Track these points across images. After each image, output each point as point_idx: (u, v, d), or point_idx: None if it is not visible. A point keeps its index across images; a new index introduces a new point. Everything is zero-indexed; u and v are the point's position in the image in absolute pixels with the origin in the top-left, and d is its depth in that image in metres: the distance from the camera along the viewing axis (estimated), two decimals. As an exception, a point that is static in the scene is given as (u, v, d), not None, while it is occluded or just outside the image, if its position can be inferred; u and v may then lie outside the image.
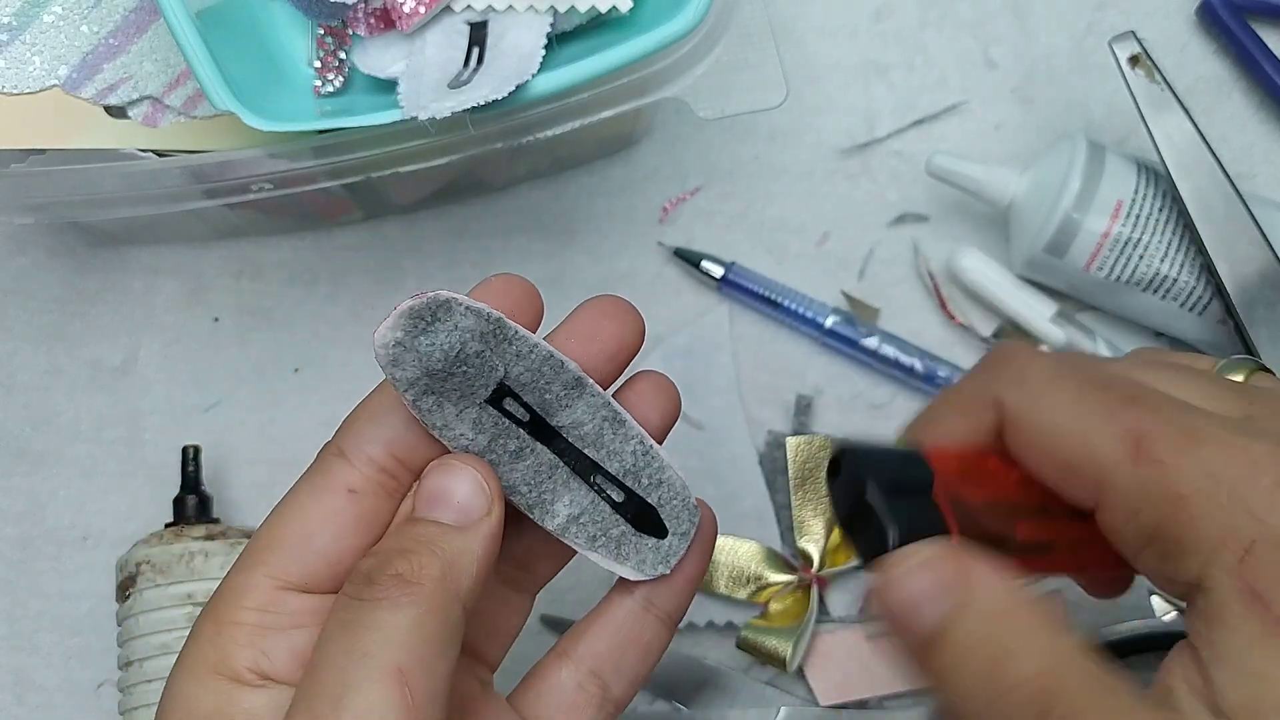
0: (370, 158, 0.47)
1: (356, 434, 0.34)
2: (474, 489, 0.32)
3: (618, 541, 0.35)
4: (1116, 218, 0.52)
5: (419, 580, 0.30)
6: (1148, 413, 0.29)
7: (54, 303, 0.58)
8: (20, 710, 0.55)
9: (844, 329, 0.56)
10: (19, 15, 0.49)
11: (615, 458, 0.35)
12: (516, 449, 0.34)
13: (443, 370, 0.32)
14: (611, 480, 0.35)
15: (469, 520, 0.32)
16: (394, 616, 0.29)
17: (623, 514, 0.35)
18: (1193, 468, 0.28)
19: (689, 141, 0.59)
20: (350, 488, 0.33)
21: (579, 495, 0.35)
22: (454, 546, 0.31)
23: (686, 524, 0.36)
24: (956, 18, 0.59)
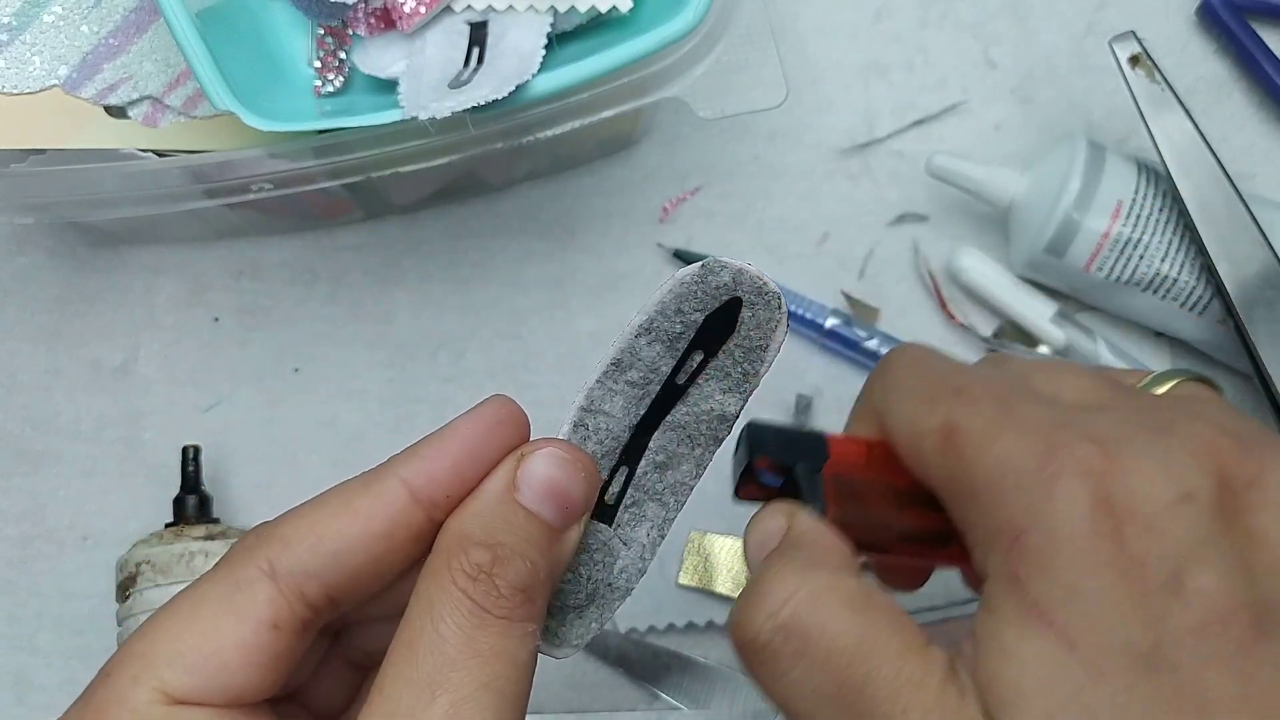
0: (370, 158, 0.47)
1: (296, 560, 0.29)
2: (583, 492, 0.30)
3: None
4: (1116, 218, 0.52)
5: (538, 598, 0.28)
6: (965, 404, 0.29)
7: (54, 303, 0.58)
8: (20, 710, 0.55)
9: (843, 330, 0.56)
10: (19, 15, 0.49)
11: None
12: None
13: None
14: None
15: (568, 523, 0.30)
16: (522, 649, 0.28)
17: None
18: (988, 460, 0.28)
19: (689, 141, 0.59)
20: (276, 624, 0.28)
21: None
22: (555, 558, 0.30)
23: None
24: (956, 18, 0.59)
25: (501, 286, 0.58)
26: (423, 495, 0.30)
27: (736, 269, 0.31)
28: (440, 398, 0.57)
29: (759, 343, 0.32)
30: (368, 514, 0.29)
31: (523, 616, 0.28)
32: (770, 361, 0.32)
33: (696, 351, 0.32)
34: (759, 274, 0.31)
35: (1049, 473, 0.27)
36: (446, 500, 0.30)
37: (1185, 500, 0.26)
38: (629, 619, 0.54)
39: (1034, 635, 0.25)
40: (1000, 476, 0.27)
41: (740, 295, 0.31)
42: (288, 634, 0.29)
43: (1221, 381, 0.56)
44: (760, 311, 0.32)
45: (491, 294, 0.58)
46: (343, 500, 0.30)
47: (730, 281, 0.31)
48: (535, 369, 0.57)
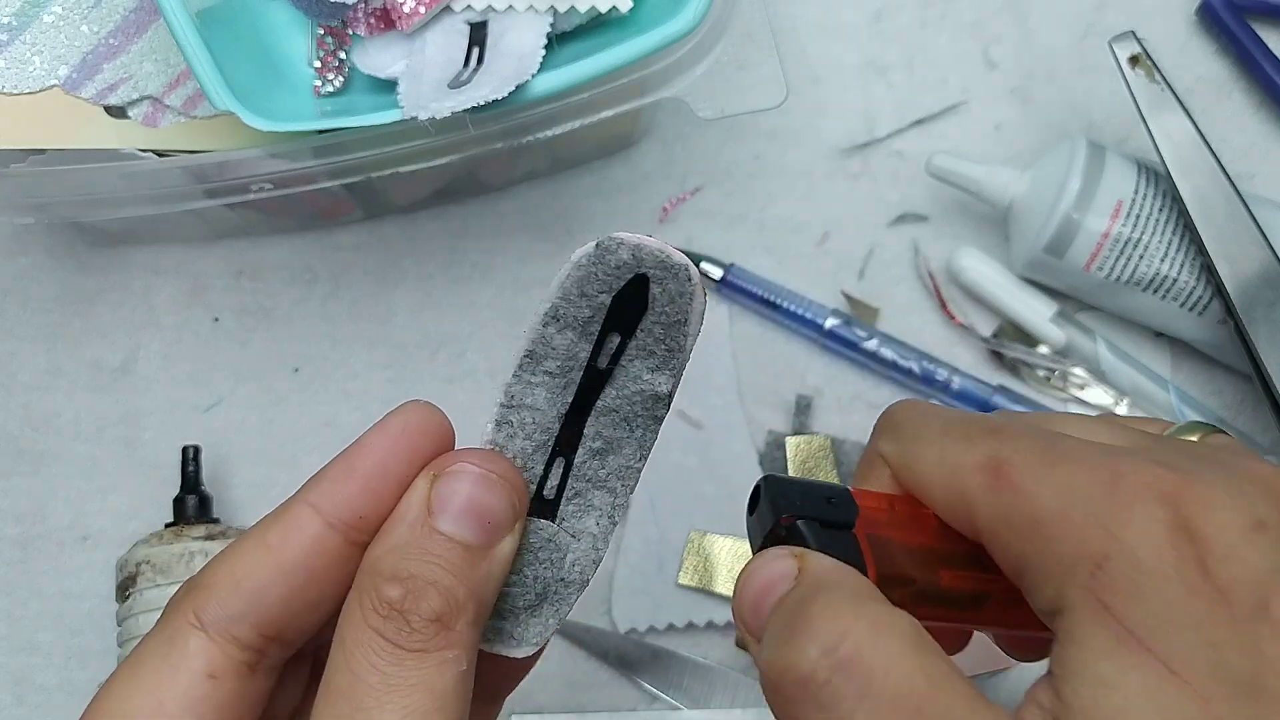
0: (370, 158, 0.47)
1: (220, 605, 0.29)
2: (504, 502, 0.29)
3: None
4: (1116, 218, 0.52)
5: (455, 625, 0.27)
6: (1008, 439, 0.28)
7: (54, 303, 0.58)
8: (20, 710, 0.55)
9: (843, 330, 0.56)
10: (19, 15, 0.49)
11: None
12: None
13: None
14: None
15: (494, 539, 0.29)
16: (443, 676, 0.27)
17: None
18: (1049, 489, 0.27)
19: (689, 141, 0.59)
20: (210, 672, 0.28)
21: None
22: (481, 576, 0.28)
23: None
24: (956, 18, 0.59)
25: (501, 286, 0.58)
26: (335, 519, 0.29)
27: (634, 244, 0.29)
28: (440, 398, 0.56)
29: (676, 318, 0.30)
30: (280, 546, 0.29)
31: (440, 645, 0.27)
32: (693, 335, 0.31)
33: (613, 333, 0.31)
34: (660, 247, 0.30)
35: (1122, 498, 0.26)
36: (361, 522, 0.29)
37: (1260, 529, 0.26)
38: (629, 619, 0.54)
39: (1133, 663, 0.25)
40: (1068, 504, 0.26)
41: (645, 272, 0.30)
42: (228, 680, 0.29)
43: (1221, 382, 0.56)
44: (670, 286, 0.30)
45: (491, 294, 0.58)
46: (257, 536, 0.29)
47: (630, 259, 0.30)
48: (535, 369, 0.57)
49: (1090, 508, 0.26)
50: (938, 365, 0.55)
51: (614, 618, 0.54)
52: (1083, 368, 0.55)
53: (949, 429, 0.29)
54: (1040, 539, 0.27)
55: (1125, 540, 0.26)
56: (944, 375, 0.55)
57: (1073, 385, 0.55)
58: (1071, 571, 0.26)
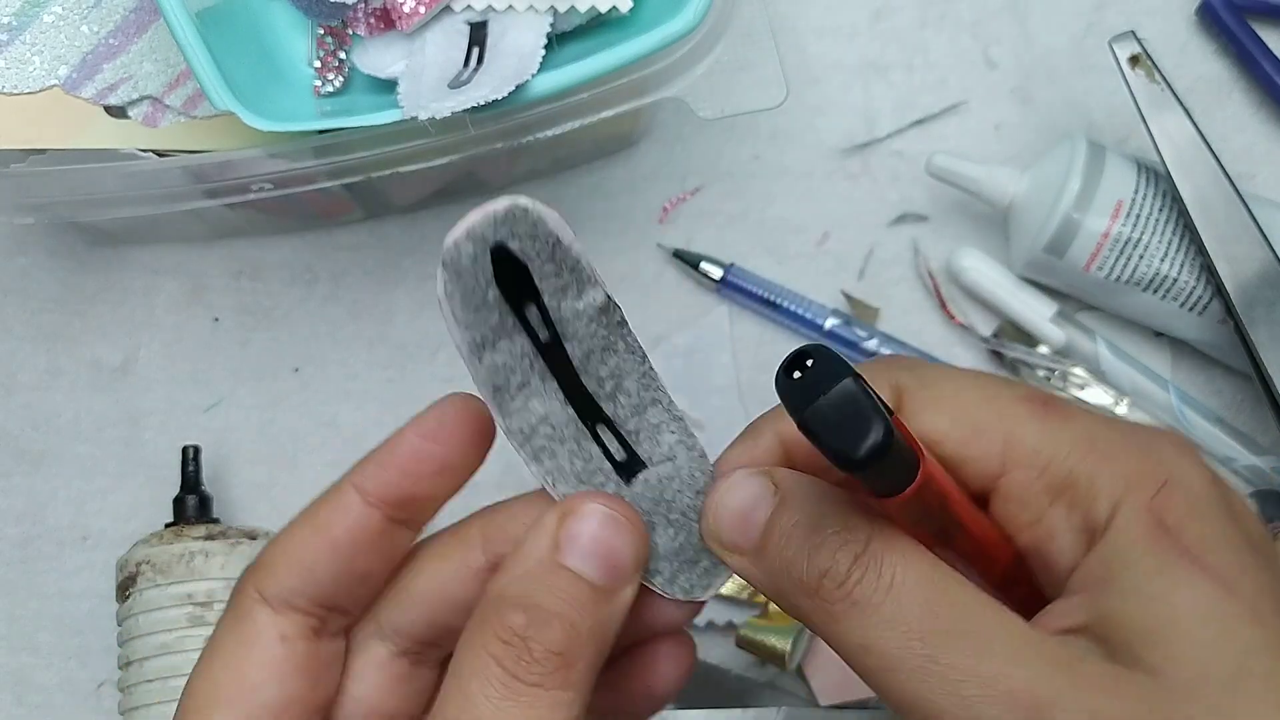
0: (370, 158, 0.47)
1: (277, 581, 0.31)
2: (632, 549, 0.29)
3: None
4: (1116, 218, 0.52)
5: (577, 665, 0.27)
6: (1044, 390, 0.30)
7: (54, 303, 0.58)
8: (20, 710, 0.55)
9: (843, 330, 0.56)
10: (19, 15, 0.49)
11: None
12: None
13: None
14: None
15: (617, 584, 0.29)
16: (556, 715, 0.27)
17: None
18: (1100, 424, 0.29)
19: (689, 141, 0.59)
20: (283, 635, 0.30)
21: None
22: (604, 619, 0.28)
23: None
24: (956, 18, 0.59)
25: (501, 286, 0.58)
26: (376, 499, 0.31)
27: (465, 233, 0.29)
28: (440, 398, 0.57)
29: (552, 248, 0.30)
30: (327, 525, 0.31)
31: (557, 684, 0.27)
32: (575, 241, 0.30)
33: (527, 305, 0.30)
34: (482, 214, 0.29)
35: (1172, 442, 0.28)
36: (400, 501, 0.31)
37: (1219, 501, 0.28)
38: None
39: (1190, 579, 0.26)
40: (1124, 436, 0.28)
41: (494, 243, 0.29)
42: (299, 642, 0.31)
43: (1221, 382, 0.56)
44: (521, 229, 0.29)
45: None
46: (308, 516, 0.32)
47: (474, 249, 0.29)
48: (535, 369, 0.57)
49: (1145, 442, 0.28)
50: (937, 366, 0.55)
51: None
52: (1083, 368, 0.55)
53: (980, 373, 0.31)
54: (1098, 458, 0.28)
55: (1183, 471, 0.27)
56: (944, 375, 0.55)
57: (1073, 385, 0.55)
58: (1134, 490, 0.27)
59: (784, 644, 0.51)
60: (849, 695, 0.52)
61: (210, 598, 0.49)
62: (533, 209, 0.29)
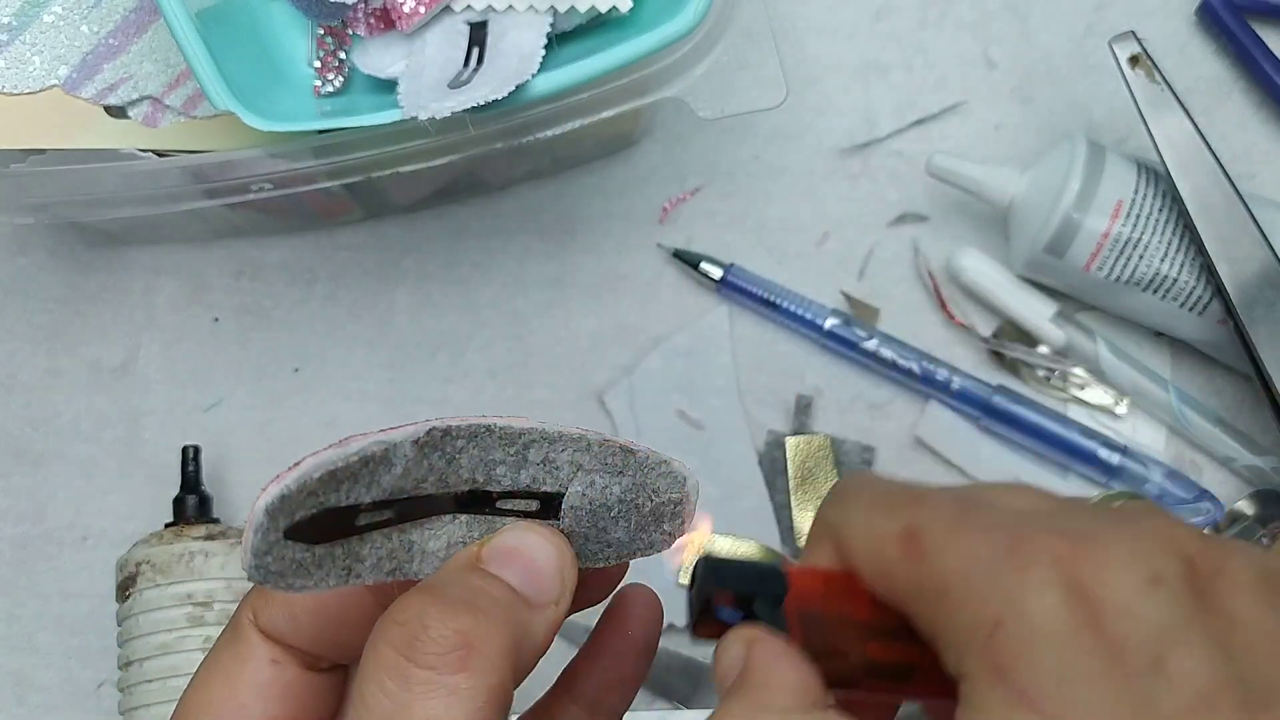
0: (370, 158, 0.47)
1: (269, 616, 0.31)
2: (555, 568, 0.29)
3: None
4: (1116, 218, 0.52)
5: (484, 649, 0.26)
6: (926, 509, 0.29)
7: (54, 303, 0.58)
8: (20, 710, 0.55)
9: (843, 330, 0.56)
10: (19, 15, 0.49)
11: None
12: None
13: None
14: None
15: (540, 599, 0.29)
16: (449, 710, 0.26)
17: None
18: (953, 557, 0.27)
19: (689, 141, 0.59)
20: (274, 659, 0.30)
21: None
22: (523, 620, 0.28)
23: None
24: (956, 18, 0.59)
25: (501, 286, 0.58)
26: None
27: (258, 546, 0.28)
28: (440, 398, 0.57)
29: (329, 483, 0.29)
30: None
31: (455, 668, 0.26)
32: (337, 458, 0.29)
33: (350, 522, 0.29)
34: (254, 525, 0.28)
35: (1018, 563, 0.26)
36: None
37: (1155, 583, 0.26)
38: (629, 619, 0.54)
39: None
40: (969, 571, 0.27)
41: (286, 528, 0.28)
42: (291, 667, 0.30)
43: (1221, 382, 0.56)
44: (300, 506, 0.29)
45: (491, 294, 0.58)
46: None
47: (273, 550, 0.28)
48: (535, 369, 0.57)
49: (987, 574, 0.27)
50: (938, 365, 0.55)
51: (614, 618, 0.54)
52: (1083, 368, 0.55)
53: (877, 499, 0.30)
54: (946, 606, 0.27)
55: (1020, 603, 0.26)
56: (944, 375, 0.55)
57: (1073, 385, 0.56)
58: (970, 637, 0.26)
59: (784, 644, 0.51)
60: (849, 695, 0.52)
61: (210, 598, 0.49)
62: (290, 495, 0.29)
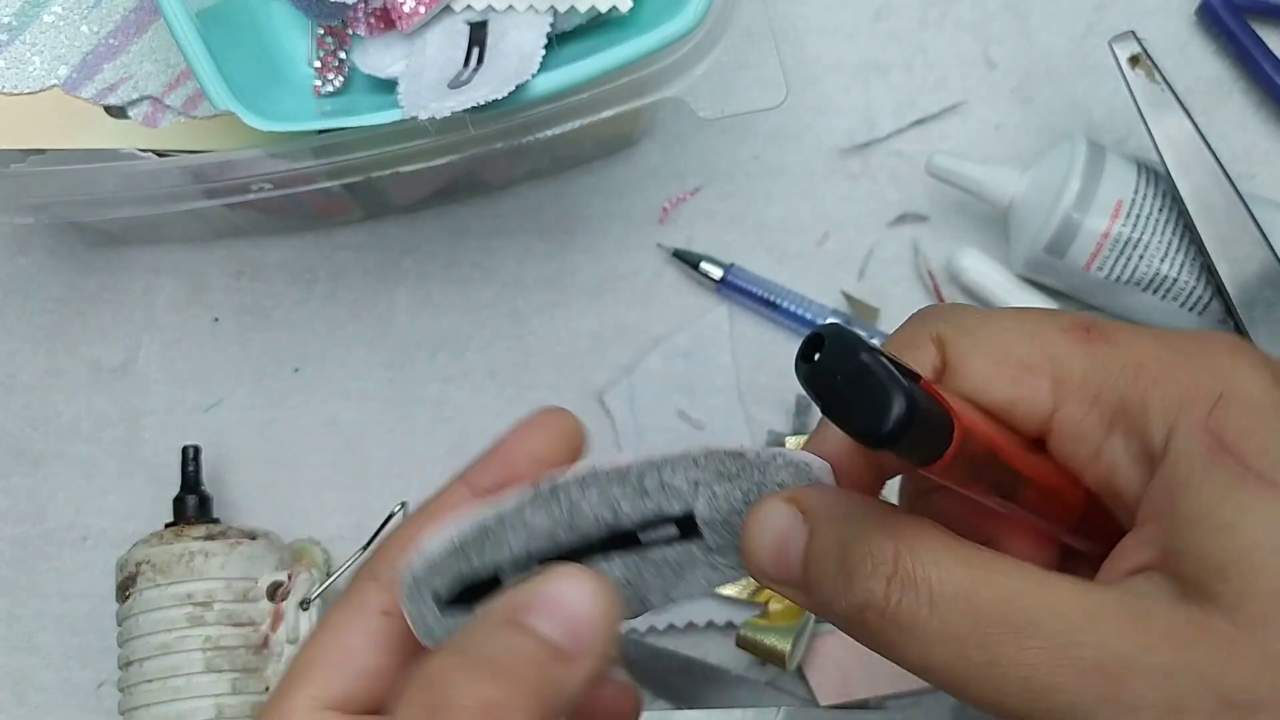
0: (370, 158, 0.47)
1: (389, 562, 0.31)
2: (598, 616, 0.28)
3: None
4: (1116, 218, 0.52)
5: (506, 714, 0.25)
6: (1086, 315, 0.29)
7: (54, 303, 0.58)
8: (20, 710, 0.55)
9: (844, 329, 0.56)
10: (19, 15, 0.49)
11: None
12: None
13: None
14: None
15: (578, 652, 0.27)
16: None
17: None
18: (1147, 341, 0.27)
19: (689, 141, 0.59)
20: (385, 609, 0.31)
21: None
22: (555, 680, 0.26)
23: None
24: (956, 18, 0.59)
25: (501, 286, 0.58)
26: (479, 488, 0.32)
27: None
28: (440, 398, 0.57)
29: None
30: (438, 513, 0.32)
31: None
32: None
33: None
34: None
35: (1224, 347, 0.26)
36: (503, 485, 0.32)
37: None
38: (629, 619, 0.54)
39: (1256, 500, 0.24)
40: (1171, 351, 0.27)
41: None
42: (399, 620, 0.31)
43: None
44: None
45: (491, 294, 0.58)
46: (421, 510, 0.33)
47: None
48: (535, 369, 0.57)
49: (1193, 354, 0.26)
50: (938, 365, 0.55)
51: (614, 618, 0.54)
52: (1083, 368, 0.55)
53: (1018, 310, 0.30)
54: (1147, 381, 0.27)
55: (1237, 382, 0.26)
56: (944, 375, 0.55)
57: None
58: (1187, 409, 0.26)
59: (784, 644, 0.51)
60: (849, 695, 0.52)
61: (210, 598, 0.49)
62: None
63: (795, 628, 0.52)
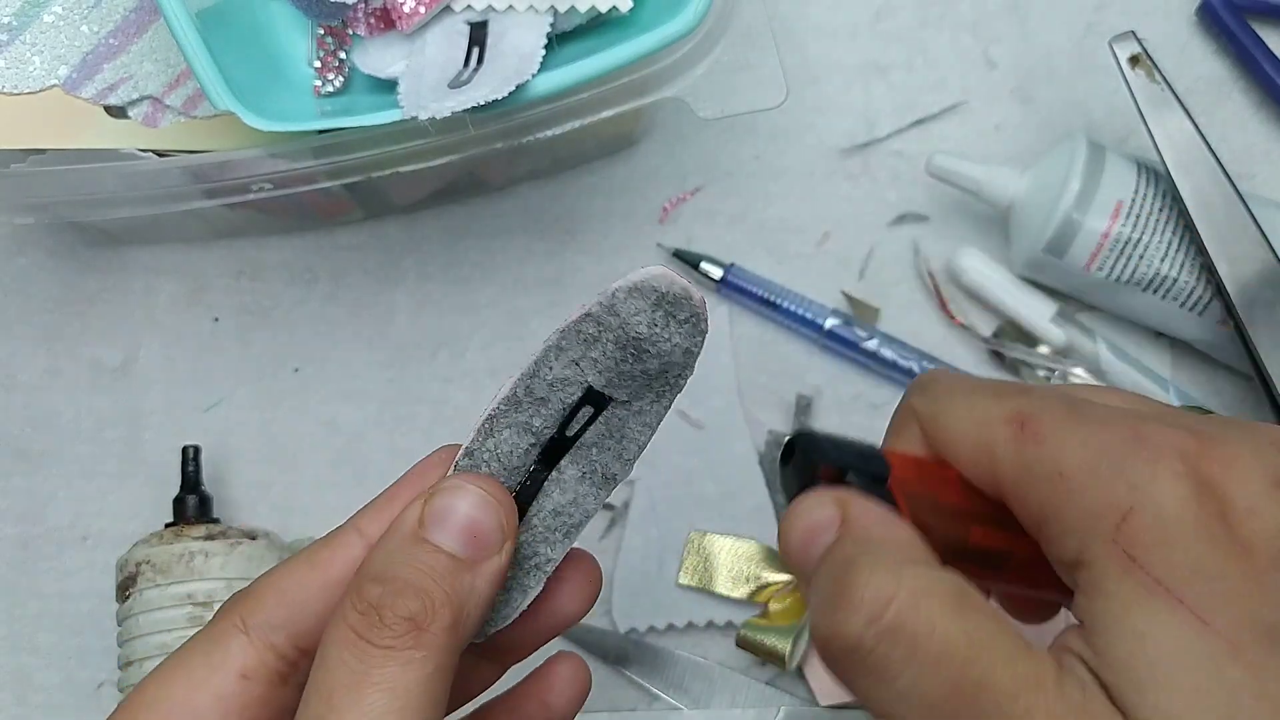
0: (370, 158, 0.47)
1: (263, 612, 0.32)
2: (493, 521, 0.31)
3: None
4: (1116, 218, 0.52)
5: (430, 627, 0.29)
6: (1035, 398, 0.29)
7: (54, 303, 0.58)
8: (20, 710, 0.55)
9: (843, 331, 0.56)
10: (19, 15, 0.49)
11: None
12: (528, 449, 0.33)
13: (624, 368, 0.32)
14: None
15: (481, 555, 0.30)
16: (404, 676, 0.28)
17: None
18: (1074, 444, 0.27)
19: (689, 141, 0.59)
20: (244, 673, 0.31)
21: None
22: (464, 587, 0.30)
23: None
24: (956, 18, 0.59)
25: (501, 286, 0.58)
26: (375, 539, 0.32)
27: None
28: (440, 398, 0.57)
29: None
30: (326, 564, 0.32)
31: (408, 645, 0.28)
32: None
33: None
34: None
35: (1147, 455, 0.26)
36: None
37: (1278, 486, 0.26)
38: (629, 619, 0.54)
39: (1164, 614, 0.25)
40: (1093, 459, 0.27)
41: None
42: (258, 684, 0.31)
43: (1221, 382, 0.56)
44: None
45: (491, 294, 0.58)
46: (306, 556, 0.32)
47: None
48: (535, 369, 0.57)
49: (1114, 462, 0.27)
50: (938, 365, 0.55)
51: (614, 618, 0.54)
52: (1083, 368, 0.55)
53: (979, 387, 0.30)
54: (1064, 491, 0.27)
55: (1150, 494, 0.26)
56: (944, 375, 0.55)
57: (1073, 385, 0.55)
58: (1097, 523, 0.26)
59: (784, 644, 0.51)
60: (849, 695, 0.52)
61: (210, 598, 0.49)
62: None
63: (795, 628, 0.52)
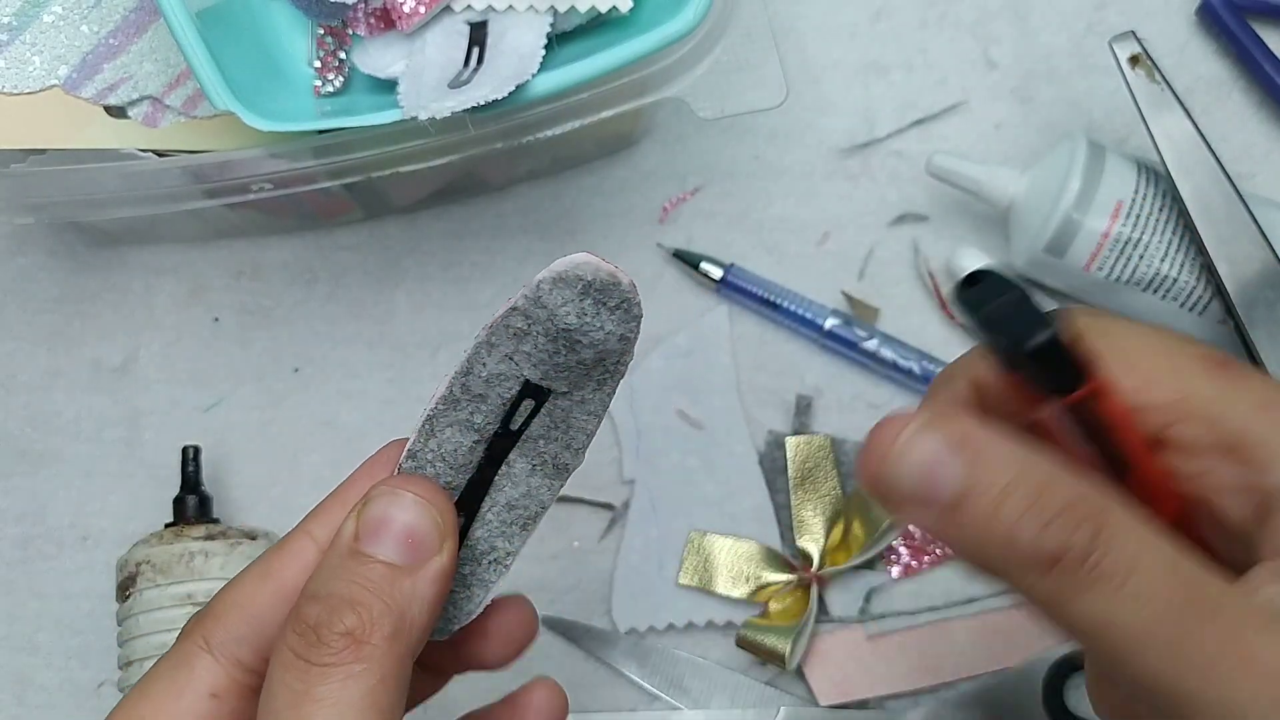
0: (370, 158, 0.47)
1: (224, 629, 0.31)
2: (428, 523, 0.30)
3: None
4: (1116, 218, 0.52)
5: (370, 639, 0.28)
6: (1225, 353, 0.30)
7: (54, 303, 0.58)
8: (20, 710, 0.55)
9: (843, 331, 0.56)
10: (19, 15, 0.49)
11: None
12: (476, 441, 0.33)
13: (558, 357, 0.31)
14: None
15: (420, 558, 0.30)
16: (346, 691, 0.28)
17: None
18: (1276, 388, 0.29)
19: (689, 141, 0.59)
20: (213, 692, 0.31)
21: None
22: (405, 594, 0.29)
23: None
24: (956, 18, 0.59)
25: (501, 286, 0.58)
26: (326, 542, 0.32)
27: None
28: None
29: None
30: (279, 571, 0.32)
31: (348, 659, 0.28)
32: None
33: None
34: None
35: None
36: None
37: None
38: (629, 619, 0.54)
39: None
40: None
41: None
42: (229, 700, 0.31)
43: (1222, 381, 0.56)
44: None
45: (491, 294, 0.58)
46: (260, 565, 0.32)
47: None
48: (535, 369, 0.57)
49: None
50: (938, 365, 0.55)
51: (614, 618, 0.54)
52: (1083, 368, 0.55)
53: (1160, 328, 0.31)
54: (1271, 419, 0.28)
55: None
56: (944, 375, 0.55)
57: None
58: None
59: (784, 644, 0.51)
60: (849, 695, 0.52)
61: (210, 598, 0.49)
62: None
63: (795, 628, 0.52)
